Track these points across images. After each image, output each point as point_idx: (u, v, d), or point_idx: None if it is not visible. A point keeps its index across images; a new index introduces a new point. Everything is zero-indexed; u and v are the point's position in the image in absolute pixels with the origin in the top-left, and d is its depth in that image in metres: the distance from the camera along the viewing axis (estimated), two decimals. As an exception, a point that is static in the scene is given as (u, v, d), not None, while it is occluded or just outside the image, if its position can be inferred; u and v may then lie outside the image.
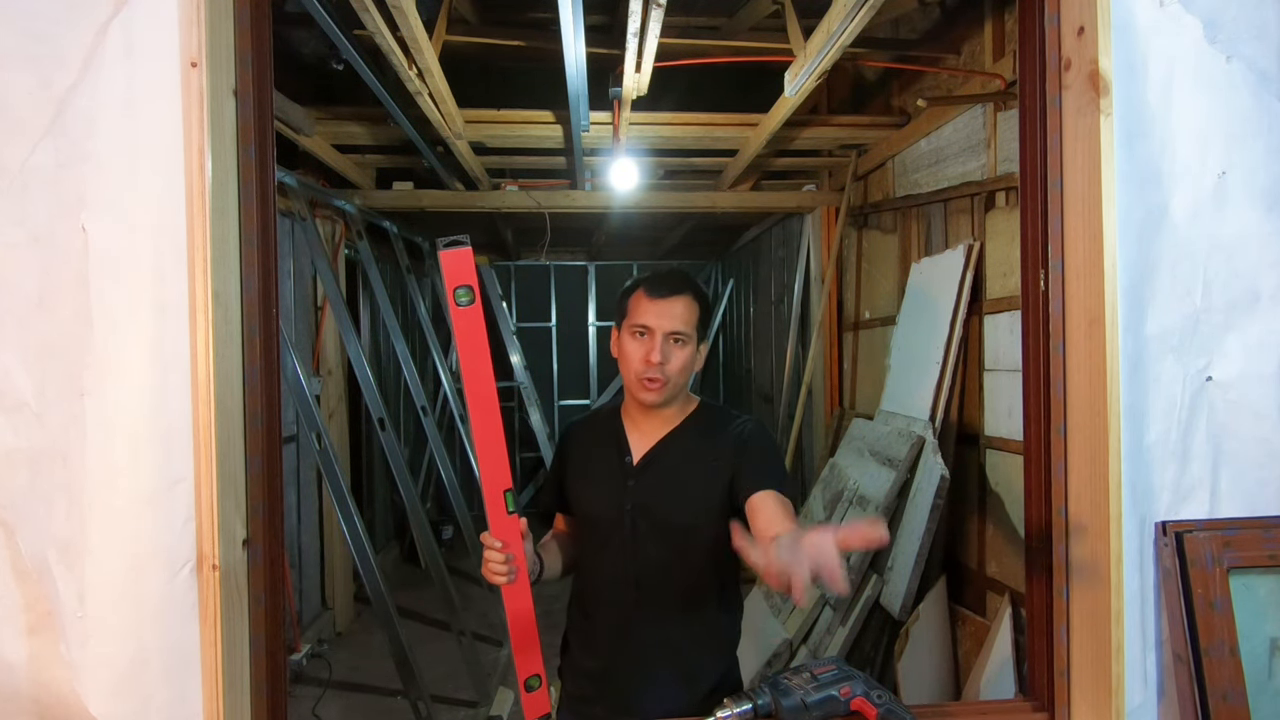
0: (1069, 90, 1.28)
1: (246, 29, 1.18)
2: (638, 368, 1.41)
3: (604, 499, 1.50)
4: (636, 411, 1.51)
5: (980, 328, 2.93)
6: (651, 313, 1.41)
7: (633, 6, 2.10)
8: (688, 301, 1.43)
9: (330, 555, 4.47)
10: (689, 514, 1.45)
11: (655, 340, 1.40)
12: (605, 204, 4.50)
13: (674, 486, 1.46)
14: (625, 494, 1.47)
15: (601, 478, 1.51)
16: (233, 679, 1.14)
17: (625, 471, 1.49)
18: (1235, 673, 1.22)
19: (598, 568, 1.52)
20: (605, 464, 1.52)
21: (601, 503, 1.50)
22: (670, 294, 1.42)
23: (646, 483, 1.47)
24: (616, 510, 1.47)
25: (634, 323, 1.43)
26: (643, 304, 1.43)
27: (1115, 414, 1.22)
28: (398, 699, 3.55)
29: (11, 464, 1.10)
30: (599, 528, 1.51)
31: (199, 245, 1.11)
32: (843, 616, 3.13)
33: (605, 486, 1.50)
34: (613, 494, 1.48)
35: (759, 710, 1.17)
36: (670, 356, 1.41)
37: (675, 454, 1.48)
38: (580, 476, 1.55)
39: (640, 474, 1.48)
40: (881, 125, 3.75)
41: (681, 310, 1.41)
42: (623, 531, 1.47)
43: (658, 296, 1.42)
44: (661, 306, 1.41)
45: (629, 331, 1.44)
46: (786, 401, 4.98)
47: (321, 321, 4.31)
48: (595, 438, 1.56)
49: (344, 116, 3.59)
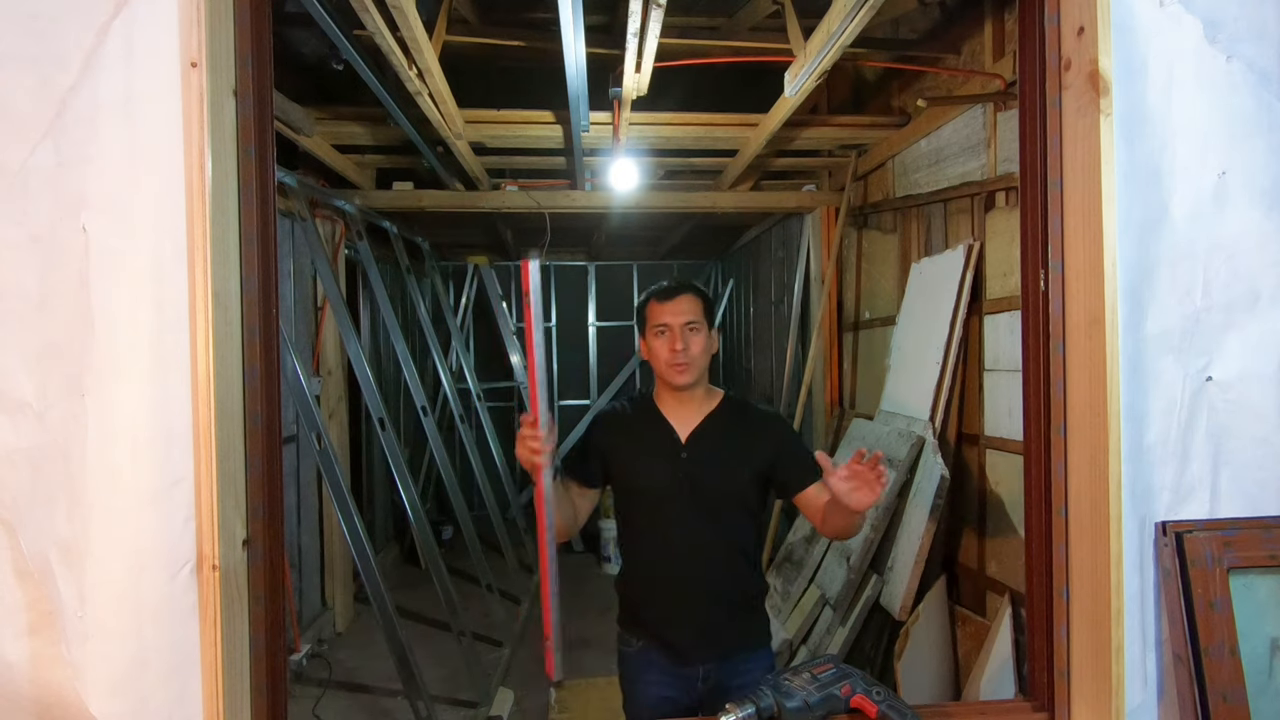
0: (1069, 90, 1.28)
1: (246, 29, 1.18)
2: (667, 357, 1.73)
3: (660, 469, 1.76)
4: (671, 398, 1.81)
5: (980, 328, 2.92)
6: (666, 312, 1.74)
7: (633, 6, 2.10)
8: (691, 298, 1.76)
9: (330, 555, 4.47)
10: (735, 484, 1.76)
11: (676, 332, 1.73)
12: (605, 204, 4.50)
13: (722, 460, 1.75)
14: (679, 465, 1.75)
15: (653, 451, 1.78)
16: (233, 679, 1.14)
17: (676, 446, 1.77)
18: (1235, 673, 1.22)
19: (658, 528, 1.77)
20: (656, 442, 1.79)
21: (658, 472, 1.76)
22: (676, 295, 1.76)
23: (697, 456, 1.76)
24: (673, 478, 1.74)
25: (655, 324, 1.75)
26: (657, 309, 1.76)
27: (1115, 414, 1.22)
28: (398, 699, 3.55)
29: (13, 464, 1.10)
30: (655, 494, 1.77)
31: (199, 245, 1.11)
32: (843, 616, 3.13)
33: (659, 459, 1.77)
34: (667, 464, 1.76)
35: (762, 712, 1.18)
36: (690, 342, 1.73)
37: (717, 433, 1.78)
38: (631, 453, 1.81)
39: (691, 448, 1.77)
40: (881, 125, 3.75)
41: (688, 304, 1.75)
42: (680, 496, 1.74)
43: (667, 299, 1.75)
44: (672, 305, 1.74)
45: (653, 334, 1.76)
46: (786, 401, 4.98)
47: (321, 321, 4.31)
48: (637, 421, 1.83)
49: (344, 116, 3.58)
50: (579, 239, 6.66)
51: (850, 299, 4.38)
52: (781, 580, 3.75)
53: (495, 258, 6.87)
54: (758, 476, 1.77)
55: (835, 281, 4.43)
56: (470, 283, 6.81)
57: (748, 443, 1.77)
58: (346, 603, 4.58)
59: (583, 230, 6.08)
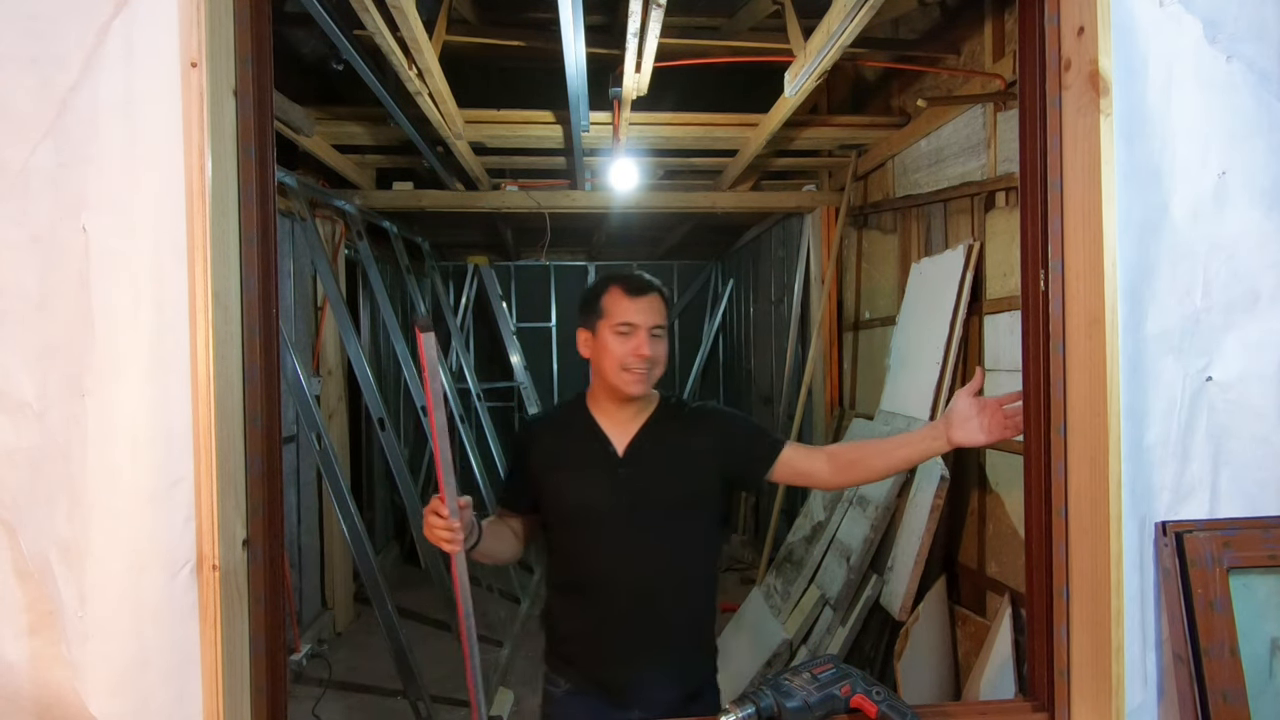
0: (1069, 90, 1.28)
1: (246, 29, 1.18)
2: (626, 361, 1.51)
3: (595, 488, 1.55)
4: (610, 404, 1.59)
5: (980, 328, 2.92)
6: (634, 310, 1.52)
7: (633, 6, 2.10)
8: (659, 300, 1.57)
9: (330, 555, 4.47)
10: (684, 495, 1.56)
11: (642, 335, 1.51)
12: (605, 204, 4.50)
13: (665, 471, 1.56)
14: (617, 482, 1.55)
15: (586, 469, 1.57)
16: (233, 679, 1.14)
17: (612, 461, 1.57)
18: (1235, 673, 1.22)
19: (592, 554, 1.57)
20: (587, 456, 1.58)
21: (593, 492, 1.56)
22: (648, 292, 1.55)
23: (638, 470, 1.55)
24: (611, 498, 1.54)
25: (618, 321, 1.52)
26: (623, 303, 1.53)
27: (1115, 414, 1.22)
28: (398, 699, 3.55)
29: (13, 464, 1.10)
30: (590, 516, 1.56)
31: (199, 245, 1.11)
32: (843, 616, 3.13)
33: (593, 477, 1.56)
34: (604, 483, 1.55)
35: (762, 713, 1.17)
36: (657, 350, 1.53)
37: (658, 442, 1.58)
38: (558, 470, 1.59)
39: (629, 462, 1.56)
40: (881, 125, 3.75)
41: (659, 306, 1.56)
42: (619, 518, 1.54)
43: (638, 295, 1.53)
44: (642, 304, 1.53)
45: (611, 330, 1.52)
46: (786, 401, 4.98)
47: (321, 321, 4.31)
48: (565, 432, 1.62)
49: (344, 116, 3.58)
50: (579, 239, 6.66)
51: (850, 299, 4.39)
52: (781, 580, 3.75)
53: (495, 258, 6.87)
54: (712, 477, 1.59)
55: (835, 281, 4.43)
56: (470, 283, 6.81)
57: (691, 444, 1.58)
58: (346, 603, 4.58)
59: (583, 230, 6.08)
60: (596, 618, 1.57)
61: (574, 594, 1.61)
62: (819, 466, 1.59)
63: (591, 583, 1.58)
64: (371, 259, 4.19)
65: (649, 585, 1.54)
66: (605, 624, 1.57)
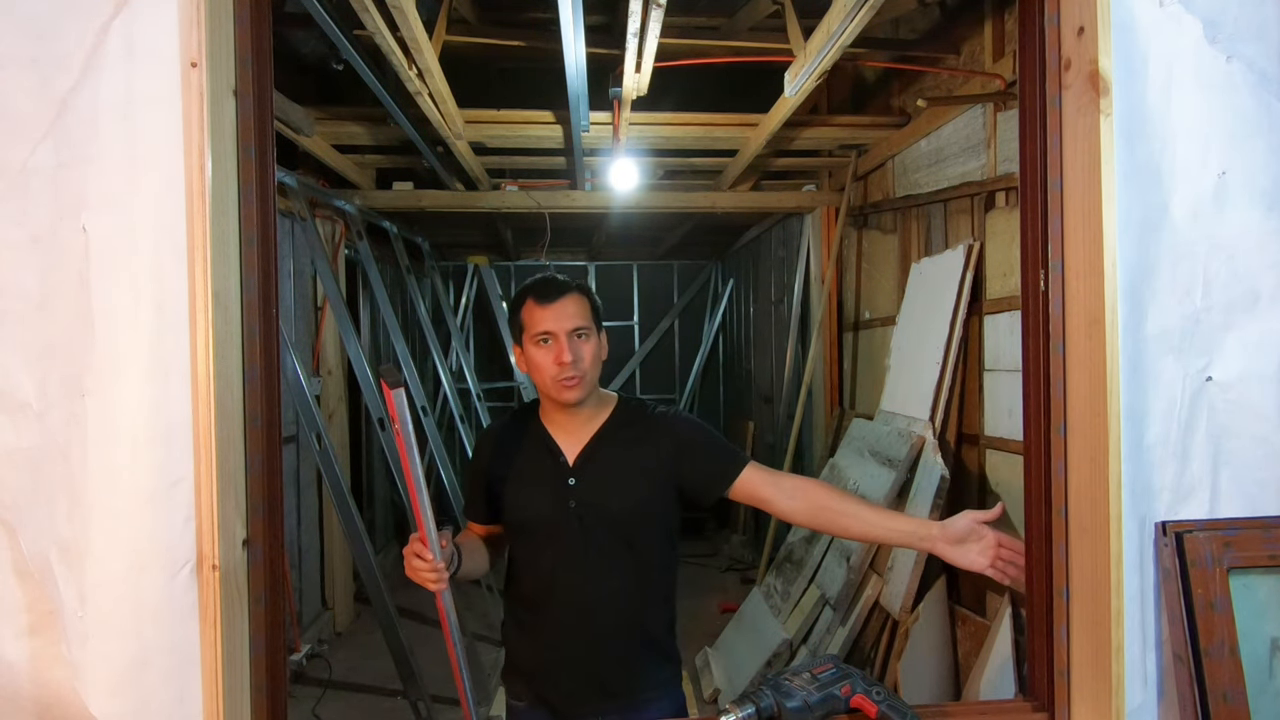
0: (1069, 90, 1.28)
1: (246, 29, 1.18)
2: (553, 371, 1.46)
3: (544, 500, 1.52)
4: (558, 413, 1.54)
5: (980, 328, 2.92)
6: (549, 318, 1.46)
7: (633, 6, 2.10)
8: (577, 299, 1.49)
9: (330, 555, 4.47)
10: (637, 507, 1.51)
11: (562, 342, 1.45)
12: (605, 204, 4.50)
13: (617, 482, 1.50)
14: (567, 493, 1.50)
15: (535, 480, 1.53)
16: (233, 679, 1.14)
17: (562, 472, 1.52)
18: (1235, 673, 1.22)
19: (542, 567, 1.53)
20: (537, 466, 1.54)
21: (542, 504, 1.52)
22: (559, 296, 1.47)
23: (588, 481, 1.51)
24: (560, 510, 1.50)
25: (535, 332, 1.47)
26: (537, 312, 1.47)
27: (1115, 414, 1.22)
28: (398, 699, 3.55)
29: (13, 464, 1.10)
30: (540, 529, 1.53)
31: (199, 245, 1.11)
32: (843, 616, 3.13)
33: (542, 488, 1.52)
34: (553, 495, 1.51)
35: (762, 713, 1.17)
36: (579, 353, 1.46)
37: (611, 451, 1.52)
38: (509, 481, 1.56)
39: (579, 473, 1.51)
40: (881, 125, 3.75)
41: (574, 308, 1.47)
42: (569, 530, 1.49)
43: (549, 302, 1.47)
44: (556, 309, 1.46)
45: (532, 342, 1.48)
46: (786, 401, 4.98)
47: (321, 321, 4.31)
48: (517, 442, 1.57)
49: (344, 116, 3.58)
50: (579, 239, 6.66)
51: (850, 299, 4.39)
52: (781, 580, 3.75)
53: (495, 258, 6.87)
54: (667, 489, 1.52)
55: (835, 281, 4.43)
56: (470, 283, 6.81)
57: (647, 453, 1.51)
58: (346, 603, 4.58)
59: (583, 230, 6.09)
60: (546, 632, 1.53)
61: (524, 607, 1.58)
62: (781, 496, 1.50)
63: (541, 596, 1.54)
64: (371, 259, 4.20)
65: (599, 600, 1.50)
66: (553, 639, 1.53)
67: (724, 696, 3.44)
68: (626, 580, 1.51)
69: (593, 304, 1.52)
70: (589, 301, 1.51)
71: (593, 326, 1.50)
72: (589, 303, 1.51)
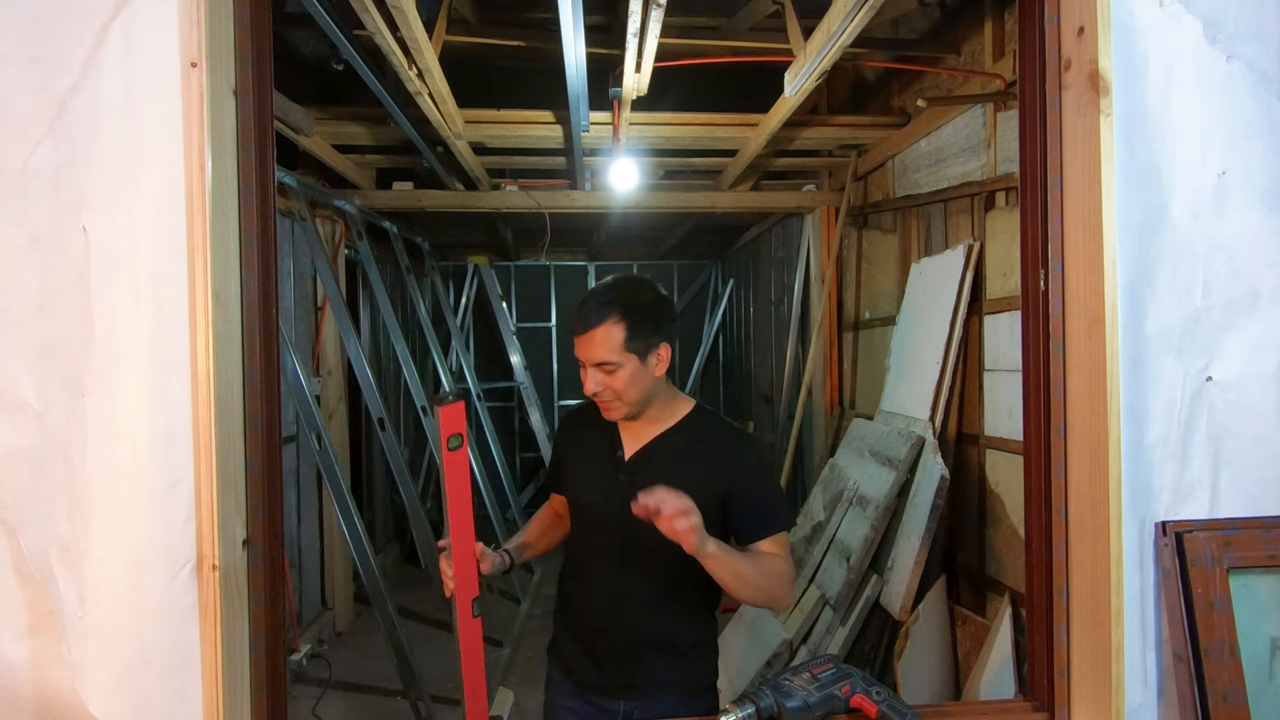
0: (1069, 90, 1.28)
1: (246, 29, 1.18)
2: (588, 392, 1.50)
3: (596, 488, 1.57)
4: None
5: (980, 328, 2.93)
6: (579, 348, 1.48)
7: (633, 6, 2.10)
8: (608, 329, 1.44)
9: (330, 555, 4.46)
10: None
11: (587, 372, 1.48)
12: (605, 204, 4.50)
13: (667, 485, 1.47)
14: (616, 487, 1.53)
15: (593, 467, 1.59)
16: (233, 679, 1.14)
17: (617, 465, 1.56)
18: (1235, 673, 1.22)
19: (585, 550, 1.62)
20: (598, 454, 1.59)
21: (594, 492, 1.58)
22: (586, 329, 1.45)
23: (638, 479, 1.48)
24: (608, 501, 1.54)
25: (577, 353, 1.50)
26: (575, 338, 1.49)
27: (1115, 414, 1.22)
28: (398, 699, 3.55)
29: (13, 464, 1.10)
30: (590, 515, 1.59)
31: (199, 245, 1.11)
32: (843, 616, 3.13)
33: (597, 476, 1.58)
34: (605, 485, 1.56)
35: (762, 712, 1.17)
36: (604, 384, 1.46)
37: (667, 455, 1.54)
38: (574, 462, 1.65)
39: (632, 470, 1.54)
40: (881, 125, 3.75)
41: (601, 339, 1.44)
42: (612, 521, 1.53)
43: (578, 333, 1.47)
44: (583, 342, 1.46)
45: None
46: (786, 401, 4.98)
47: (321, 321, 4.31)
48: (589, 427, 1.63)
49: (344, 116, 3.58)
50: (579, 239, 6.66)
51: (850, 299, 4.39)
52: (781, 580, 3.74)
53: (495, 258, 6.87)
54: (715, 505, 1.48)
55: (835, 281, 4.43)
56: (470, 283, 6.81)
57: (703, 467, 1.51)
58: (346, 603, 4.58)
59: (583, 230, 6.08)
60: (578, 611, 1.61)
61: (569, 581, 1.65)
62: None
63: (581, 575, 1.61)
64: (371, 259, 4.20)
65: (626, 594, 1.53)
66: (583, 619, 1.59)
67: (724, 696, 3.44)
68: (657, 582, 1.52)
69: (629, 327, 1.44)
70: (624, 327, 1.44)
71: (622, 359, 1.44)
72: (624, 328, 1.44)
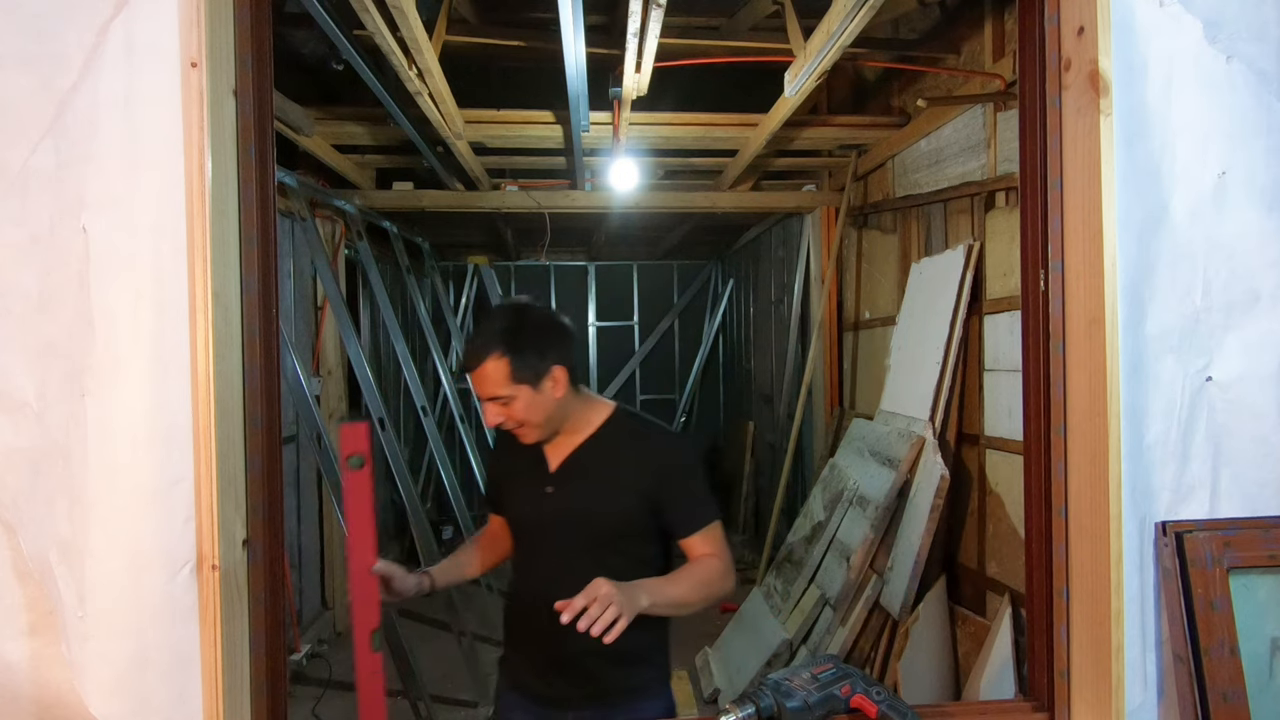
0: (1069, 90, 1.28)
1: (246, 29, 1.18)
2: None
3: (526, 501, 1.59)
4: None
5: (980, 328, 2.93)
6: (472, 385, 1.48)
7: (633, 6, 2.10)
8: (493, 364, 1.43)
9: (330, 555, 4.47)
10: (612, 518, 1.51)
11: (484, 405, 1.48)
12: (605, 204, 4.50)
13: (594, 493, 1.53)
14: (545, 500, 1.55)
15: (523, 483, 1.60)
16: (233, 679, 1.14)
17: (543, 478, 1.56)
18: (1235, 673, 1.22)
19: (522, 564, 1.62)
20: (526, 469, 1.59)
21: (524, 505, 1.59)
22: (472, 367, 1.46)
23: (565, 490, 1.54)
24: (538, 515, 1.56)
25: None
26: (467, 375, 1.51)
27: (1115, 414, 1.22)
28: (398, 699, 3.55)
29: (13, 464, 1.10)
30: (524, 530, 1.61)
31: (199, 245, 1.11)
32: (843, 616, 3.13)
33: (526, 491, 1.58)
34: (533, 499, 1.56)
35: (762, 712, 1.17)
36: (503, 415, 1.47)
37: (591, 463, 1.54)
38: (506, 479, 1.66)
39: (558, 481, 1.55)
40: (881, 125, 3.75)
41: (490, 375, 1.44)
42: (545, 535, 1.55)
43: (468, 369, 1.48)
44: (474, 379, 1.47)
45: None
46: (786, 401, 4.98)
47: (321, 321, 4.31)
48: (518, 445, 1.58)
49: (344, 116, 3.59)
50: (579, 239, 6.66)
51: (850, 299, 4.39)
52: (781, 580, 3.75)
53: (495, 258, 6.86)
54: (644, 505, 1.50)
55: (835, 281, 4.43)
56: (470, 283, 6.81)
57: (626, 471, 1.51)
58: (347, 603, 4.58)
59: (583, 230, 6.09)
60: (520, 625, 1.60)
61: (512, 600, 1.65)
62: None
63: (520, 590, 1.61)
64: (371, 259, 4.19)
65: None
66: (525, 633, 1.58)
67: (724, 696, 3.44)
68: None
69: (514, 359, 1.43)
70: (508, 361, 1.43)
71: (512, 390, 1.44)
72: (508, 363, 1.43)
